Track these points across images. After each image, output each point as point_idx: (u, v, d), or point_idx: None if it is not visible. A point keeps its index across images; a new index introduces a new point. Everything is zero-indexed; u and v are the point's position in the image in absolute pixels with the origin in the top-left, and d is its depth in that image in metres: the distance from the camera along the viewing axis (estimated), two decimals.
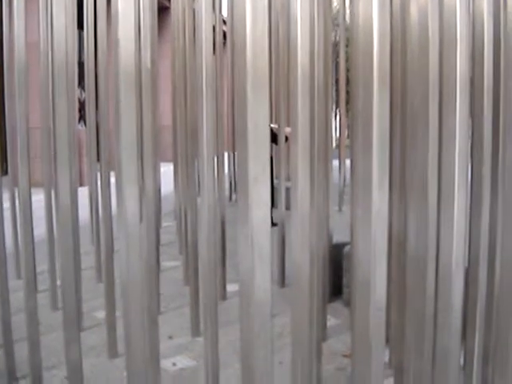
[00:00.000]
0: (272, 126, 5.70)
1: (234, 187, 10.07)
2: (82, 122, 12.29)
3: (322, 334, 3.36)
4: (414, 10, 1.98)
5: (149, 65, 3.01)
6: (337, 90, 12.24)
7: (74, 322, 2.40)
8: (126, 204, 1.74)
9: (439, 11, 1.88)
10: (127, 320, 1.84)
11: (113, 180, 2.15)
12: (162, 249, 5.40)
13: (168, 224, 7.60)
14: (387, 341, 2.83)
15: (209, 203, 2.79)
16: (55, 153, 2.30)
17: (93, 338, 3.66)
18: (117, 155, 1.75)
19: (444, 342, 1.98)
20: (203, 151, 2.73)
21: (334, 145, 12.53)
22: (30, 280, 2.94)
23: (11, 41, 3.67)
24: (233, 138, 9.50)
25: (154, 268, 2.88)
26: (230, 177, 10.24)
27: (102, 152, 3.81)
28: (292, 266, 2.01)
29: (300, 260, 1.99)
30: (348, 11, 8.57)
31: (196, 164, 4.03)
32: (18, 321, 3.27)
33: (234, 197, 9.83)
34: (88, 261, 5.28)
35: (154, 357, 2.69)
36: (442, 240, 1.92)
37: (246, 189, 1.47)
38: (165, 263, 5.50)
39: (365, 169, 1.58)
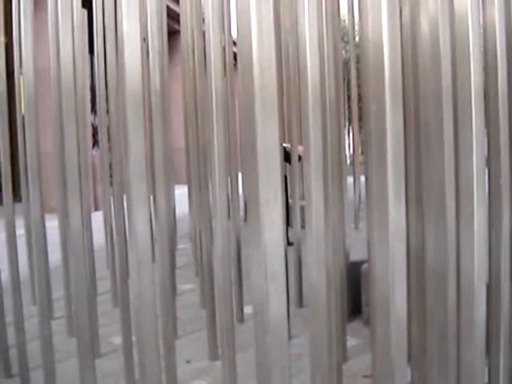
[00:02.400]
0: (285, 145, 5.67)
1: None
2: (97, 147, 12.36)
3: (342, 354, 3.29)
4: (424, 22, 1.95)
5: (158, 88, 3.01)
6: (349, 107, 12.22)
7: (89, 349, 2.37)
8: (137, 227, 1.71)
9: (450, 21, 1.85)
10: (141, 346, 1.81)
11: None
12: (177, 272, 5.37)
13: (184, 246, 7.57)
14: (409, 359, 2.77)
15: (222, 224, 2.76)
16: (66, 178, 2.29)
17: (109, 365, 3.62)
18: (126, 178, 1.72)
19: (468, 359, 1.93)
20: (215, 172, 2.72)
21: (348, 162, 12.48)
22: (44, 306, 2.92)
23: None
24: None
25: (169, 292, 2.85)
26: (244, 197, 10.22)
27: (114, 176, 3.80)
28: (309, 285, 1.96)
29: (316, 279, 1.95)
30: (357, 27, 8.57)
31: (210, 185, 4.01)
32: (35, 348, 3.24)
33: None
34: (104, 285, 5.26)
35: (172, 383, 2.66)
36: (462, 255, 1.87)
37: (256, 213, 1.42)
38: (181, 286, 5.46)
39: (380, 185, 1.54)
